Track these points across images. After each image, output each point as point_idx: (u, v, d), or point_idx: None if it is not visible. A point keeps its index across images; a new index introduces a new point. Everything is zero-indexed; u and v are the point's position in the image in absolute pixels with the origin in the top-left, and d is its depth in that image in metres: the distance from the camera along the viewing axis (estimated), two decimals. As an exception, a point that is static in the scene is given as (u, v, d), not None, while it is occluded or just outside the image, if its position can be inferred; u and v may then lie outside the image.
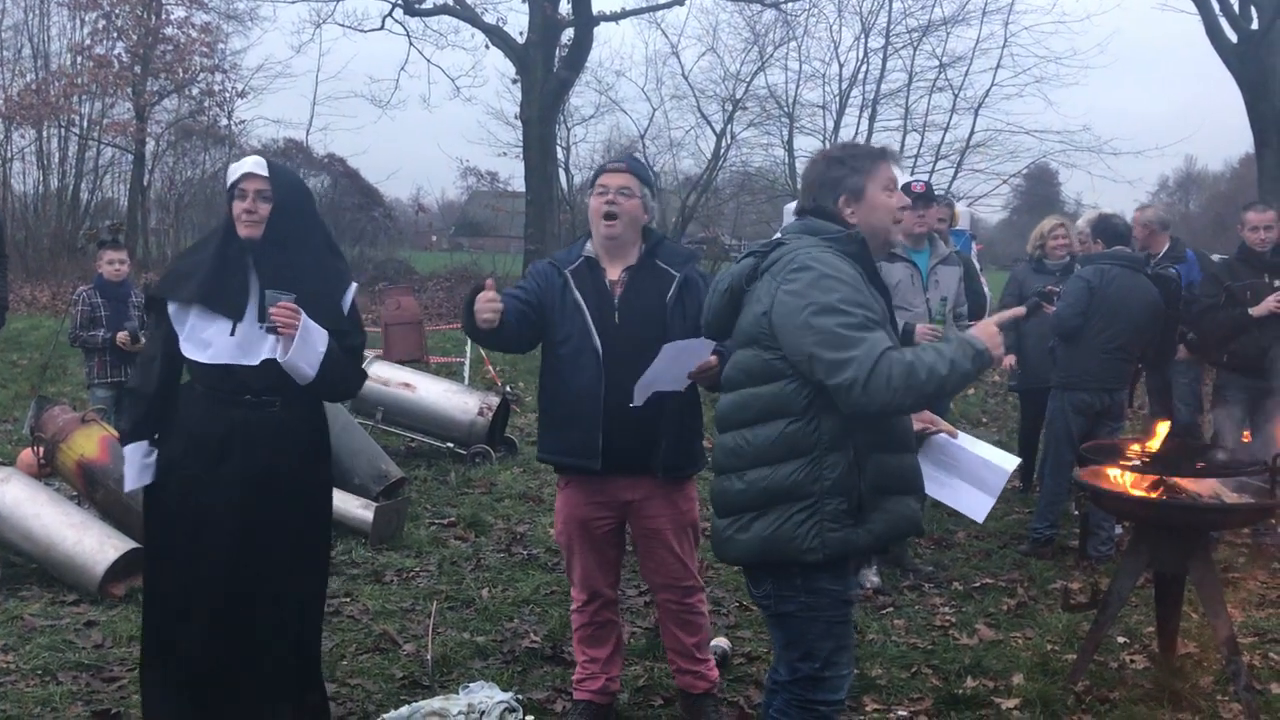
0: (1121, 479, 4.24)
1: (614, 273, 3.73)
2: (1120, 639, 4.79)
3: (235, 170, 3.40)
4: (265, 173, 3.36)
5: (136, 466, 3.44)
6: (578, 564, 3.87)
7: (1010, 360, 6.93)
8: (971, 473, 3.28)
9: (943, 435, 3.32)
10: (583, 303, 3.66)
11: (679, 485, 3.77)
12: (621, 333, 3.63)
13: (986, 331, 2.83)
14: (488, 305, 3.48)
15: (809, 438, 2.78)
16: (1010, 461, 3.33)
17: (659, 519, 3.74)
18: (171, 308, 3.38)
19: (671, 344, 3.33)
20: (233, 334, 3.32)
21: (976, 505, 3.29)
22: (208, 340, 3.33)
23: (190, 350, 3.35)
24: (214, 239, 3.47)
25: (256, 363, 3.33)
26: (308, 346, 3.31)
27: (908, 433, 2.97)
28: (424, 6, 23.16)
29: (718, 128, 28.44)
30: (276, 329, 3.27)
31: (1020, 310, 3.74)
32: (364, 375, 3.74)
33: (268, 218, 3.34)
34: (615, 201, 3.66)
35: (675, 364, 3.36)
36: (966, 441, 3.34)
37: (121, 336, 6.85)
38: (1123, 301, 5.89)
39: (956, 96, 29.14)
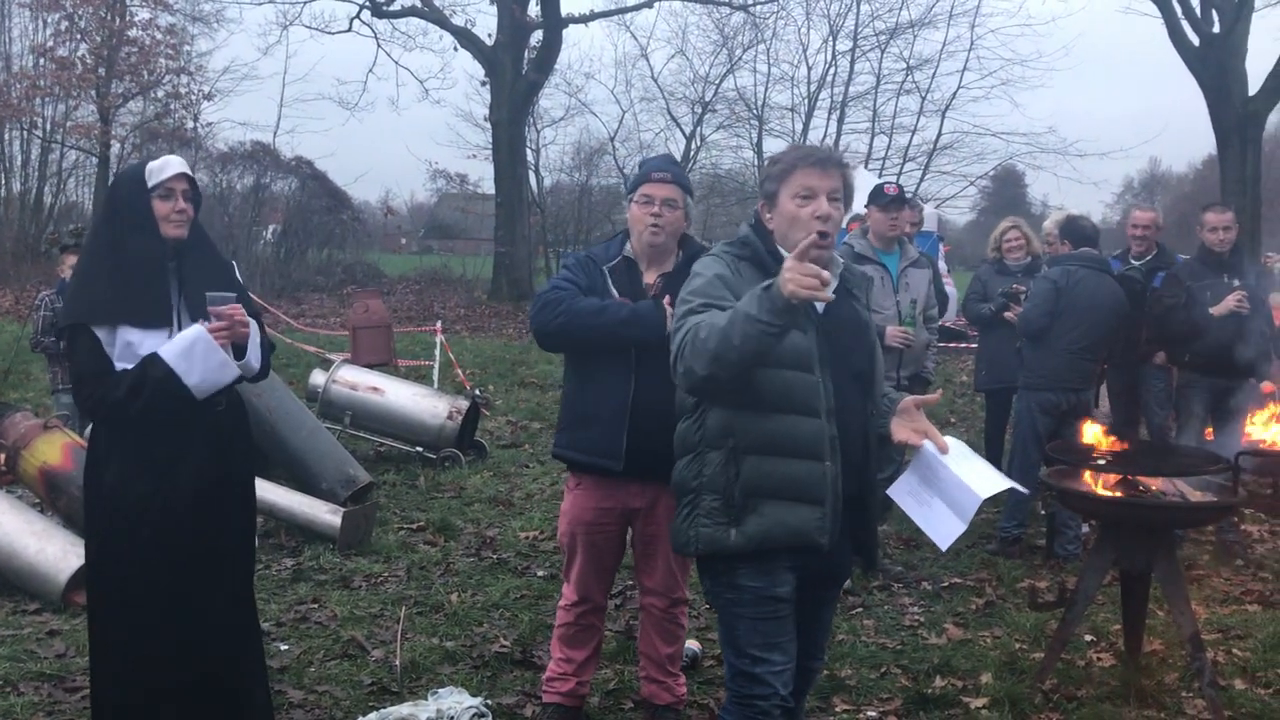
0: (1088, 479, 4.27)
1: (650, 276, 3.73)
2: (1087, 637, 4.83)
3: (160, 170, 3.22)
4: (191, 172, 3.30)
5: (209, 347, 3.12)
6: (576, 566, 3.86)
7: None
8: (949, 493, 2.88)
9: (929, 449, 2.89)
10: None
11: None
12: None
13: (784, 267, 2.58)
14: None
15: (695, 435, 2.91)
16: (988, 488, 2.84)
17: (661, 526, 3.73)
18: (101, 333, 3.12)
19: None
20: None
21: (945, 530, 2.89)
22: None
23: None
24: (105, 246, 3.22)
25: None
26: (252, 342, 3.30)
27: (800, 438, 2.80)
28: (392, 8, 23.09)
29: (687, 130, 28.56)
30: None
31: (815, 227, 3.56)
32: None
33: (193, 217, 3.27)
34: (661, 214, 3.65)
35: None
36: (955, 458, 2.89)
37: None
38: (1089, 302, 5.94)
39: (924, 99, 29.49)
